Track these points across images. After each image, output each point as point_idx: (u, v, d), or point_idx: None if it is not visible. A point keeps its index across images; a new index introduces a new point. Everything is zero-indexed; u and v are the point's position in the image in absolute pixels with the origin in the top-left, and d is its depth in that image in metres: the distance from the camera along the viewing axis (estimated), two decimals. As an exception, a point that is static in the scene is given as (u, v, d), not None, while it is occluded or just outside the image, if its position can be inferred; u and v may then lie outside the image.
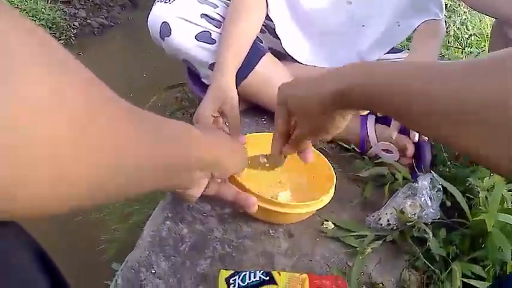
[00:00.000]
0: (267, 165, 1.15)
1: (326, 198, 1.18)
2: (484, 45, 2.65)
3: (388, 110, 0.68)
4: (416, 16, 1.69)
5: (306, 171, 1.30)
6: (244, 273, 0.96)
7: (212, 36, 1.53)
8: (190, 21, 1.51)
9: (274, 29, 1.68)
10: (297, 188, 1.33)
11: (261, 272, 0.97)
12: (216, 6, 1.60)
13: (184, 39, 1.52)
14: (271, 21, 1.65)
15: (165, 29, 1.51)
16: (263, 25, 1.67)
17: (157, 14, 1.52)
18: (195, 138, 0.72)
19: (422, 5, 1.69)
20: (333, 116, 0.81)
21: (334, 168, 1.28)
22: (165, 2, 1.52)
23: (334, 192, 1.21)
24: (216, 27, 1.55)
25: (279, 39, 1.71)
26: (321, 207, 1.17)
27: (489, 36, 1.86)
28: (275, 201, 1.14)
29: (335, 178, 1.22)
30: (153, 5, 1.55)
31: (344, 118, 0.83)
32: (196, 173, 0.78)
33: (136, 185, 0.55)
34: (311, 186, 1.30)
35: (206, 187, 0.91)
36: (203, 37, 1.52)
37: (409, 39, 1.73)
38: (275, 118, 0.95)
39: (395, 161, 1.45)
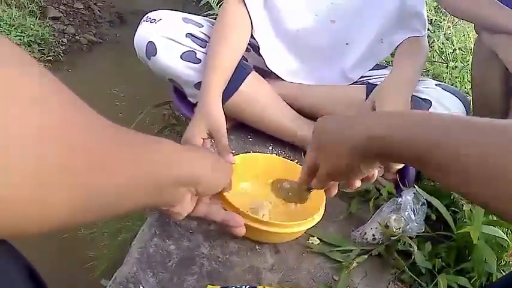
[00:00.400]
0: (290, 193, 1.18)
1: (317, 217, 1.18)
2: (469, 60, 2.68)
3: (428, 167, 0.67)
4: (400, 32, 1.72)
5: None
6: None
7: (197, 56, 1.55)
8: (175, 41, 1.53)
9: (259, 48, 1.69)
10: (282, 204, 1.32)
11: (247, 287, 0.98)
12: (201, 26, 1.62)
13: (169, 58, 1.53)
14: (256, 40, 1.67)
15: (151, 49, 1.52)
16: (248, 44, 1.69)
17: (143, 34, 1.54)
18: (175, 154, 0.73)
19: (405, 21, 1.71)
20: (359, 164, 0.81)
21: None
22: (151, 22, 1.54)
23: (320, 208, 1.23)
24: (201, 46, 1.57)
25: (263, 58, 1.72)
26: (311, 226, 1.18)
27: (473, 49, 1.88)
28: (266, 220, 1.15)
29: (325, 196, 1.22)
30: (139, 24, 1.57)
31: (371, 168, 0.83)
32: (179, 190, 0.78)
33: (119, 204, 0.56)
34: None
35: (194, 208, 0.93)
36: (188, 57, 1.54)
37: (393, 54, 1.74)
38: (306, 157, 0.96)
39: (380, 176, 1.46)
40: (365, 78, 1.77)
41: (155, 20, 1.55)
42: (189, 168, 0.78)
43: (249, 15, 1.58)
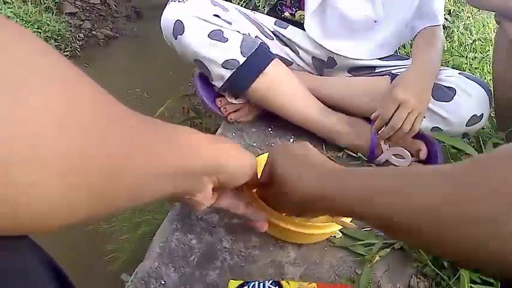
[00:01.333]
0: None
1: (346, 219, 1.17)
2: (489, 50, 2.66)
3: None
4: (420, 21, 1.76)
5: None
6: (254, 283, 0.96)
7: (224, 35, 1.55)
8: (203, 19, 1.53)
9: (283, 35, 1.76)
10: None
11: (270, 281, 0.97)
12: (227, 10, 1.62)
13: (197, 37, 1.53)
14: (281, 27, 1.74)
15: (179, 27, 1.52)
16: (271, 31, 1.71)
17: (171, 13, 1.54)
18: (199, 142, 0.73)
19: (425, 10, 1.76)
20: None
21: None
22: (179, 1, 1.54)
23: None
24: (227, 27, 1.57)
25: (287, 46, 1.75)
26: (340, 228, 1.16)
27: (493, 41, 1.86)
28: (292, 219, 1.11)
29: None
30: (163, 10, 1.57)
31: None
32: (201, 179, 0.78)
33: (140, 192, 0.56)
34: None
35: (216, 199, 0.93)
36: (216, 35, 1.53)
37: (411, 44, 1.77)
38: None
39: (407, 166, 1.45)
40: (388, 69, 1.78)
41: (183, 0, 1.55)
42: (212, 157, 0.78)
43: None
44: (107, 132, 0.46)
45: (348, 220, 1.09)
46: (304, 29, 1.75)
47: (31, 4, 4.06)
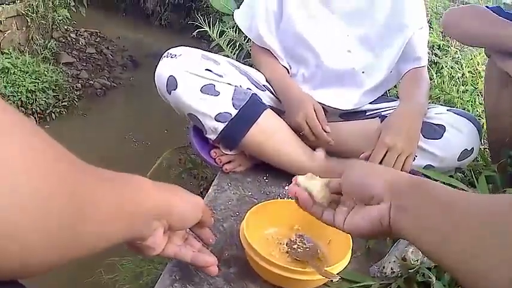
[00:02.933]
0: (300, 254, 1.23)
1: (344, 263, 1.18)
2: (479, 82, 2.69)
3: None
4: (404, 64, 1.83)
5: (323, 234, 1.30)
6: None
7: (216, 88, 1.58)
8: (195, 74, 1.57)
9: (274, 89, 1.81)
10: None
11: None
12: (218, 63, 1.65)
13: (190, 92, 1.56)
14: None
15: (172, 83, 1.56)
16: (263, 84, 1.76)
17: (164, 69, 1.58)
18: (146, 186, 0.76)
19: (409, 54, 1.82)
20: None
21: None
22: (171, 57, 1.58)
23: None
24: (219, 80, 1.61)
25: (278, 99, 1.81)
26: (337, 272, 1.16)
27: (484, 74, 1.89)
28: (287, 267, 1.13)
29: (351, 243, 1.22)
30: (158, 61, 1.61)
31: None
32: (152, 223, 0.82)
33: (93, 239, 0.59)
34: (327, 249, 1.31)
35: (164, 248, 0.95)
36: (208, 89, 1.57)
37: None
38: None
39: None
40: (378, 111, 1.82)
41: (175, 55, 1.59)
42: (162, 200, 0.82)
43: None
44: (56, 189, 0.48)
45: (334, 272, 1.11)
46: None
47: (28, 55, 4.11)
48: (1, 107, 0.45)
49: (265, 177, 1.74)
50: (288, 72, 1.88)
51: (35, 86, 3.72)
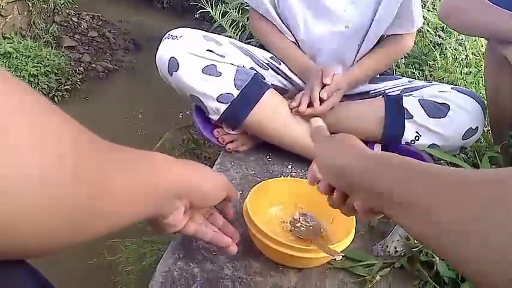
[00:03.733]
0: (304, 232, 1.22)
1: (348, 240, 1.17)
2: (482, 64, 2.66)
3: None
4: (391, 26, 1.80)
5: (327, 213, 1.27)
6: (255, 309, 0.98)
7: (218, 69, 1.58)
8: (197, 55, 1.56)
9: (278, 69, 1.79)
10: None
11: (272, 307, 0.99)
12: (220, 44, 1.65)
13: (191, 73, 1.56)
14: (276, 61, 1.79)
15: (173, 64, 1.55)
16: (266, 63, 1.74)
17: (165, 50, 1.58)
18: (170, 165, 0.75)
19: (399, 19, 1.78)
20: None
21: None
22: (173, 38, 1.58)
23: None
24: (221, 60, 1.60)
25: (282, 76, 1.79)
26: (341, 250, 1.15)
27: (485, 54, 1.88)
28: (291, 244, 1.13)
29: (355, 222, 1.21)
30: (159, 43, 1.60)
31: None
32: (173, 201, 0.82)
33: (114, 216, 0.59)
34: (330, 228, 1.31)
35: (185, 225, 0.96)
36: (209, 70, 1.57)
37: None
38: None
39: None
40: (381, 90, 1.81)
41: (177, 36, 1.59)
42: (184, 178, 0.82)
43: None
44: (76, 161, 0.48)
45: (337, 250, 1.11)
46: None
47: (30, 39, 4.10)
48: (10, 86, 0.44)
49: (268, 156, 1.74)
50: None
51: (37, 70, 3.71)
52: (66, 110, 0.48)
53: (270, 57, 1.80)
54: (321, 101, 1.60)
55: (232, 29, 2.61)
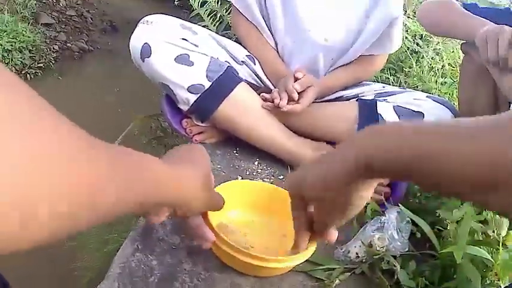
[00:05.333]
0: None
1: (309, 252, 1.13)
2: (458, 75, 2.69)
3: (417, 176, 0.66)
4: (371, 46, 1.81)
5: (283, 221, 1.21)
6: (211, 307, 0.96)
7: (190, 58, 1.56)
8: (170, 43, 1.54)
9: (252, 67, 1.78)
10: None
11: (228, 306, 0.97)
12: (196, 33, 1.64)
13: (163, 61, 1.54)
14: (251, 61, 1.79)
15: (146, 50, 1.53)
16: (241, 60, 1.73)
17: (140, 35, 1.56)
18: (163, 176, 0.73)
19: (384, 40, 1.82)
20: (357, 188, 0.76)
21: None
22: (148, 24, 1.55)
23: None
24: (195, 50, 1.58)
25: (255, 75, 1.78)
26: (303, 260, 1.14)
27: (460, 68, 1.89)
28: (253, 253, 1.09)
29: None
30: (134, 28, 1.58)
31: (369, 188, 0.78)
32: (160, 208, 0.85)
33: (105, 216, 0.56)
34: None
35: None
36: (182, 59, 1.55)
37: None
38: (293, 215, 0.89)
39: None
40: (355, 94, 1.81)
41: (152, 22, 1.57)
42: (178, 196, 0.80)
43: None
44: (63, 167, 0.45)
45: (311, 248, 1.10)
46: None
47: (8, 13, 4.02)
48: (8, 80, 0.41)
49: (235, 151, 1.73)
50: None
51: (11, 45, 3.65)
52: (38, 88, 0.45)
53: (246, 55, 1.78)
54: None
55: (210, 19, 2.60)
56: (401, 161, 0.65)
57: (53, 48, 4.13)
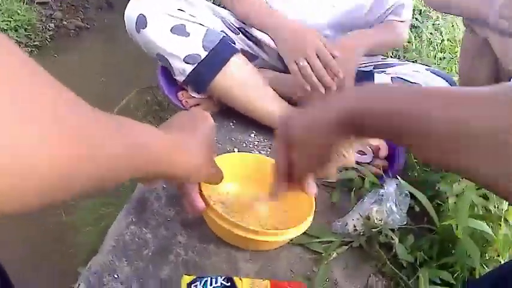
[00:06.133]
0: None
1: (305, 226, 1.12)
2: (457, 51, 2.67)
3: (396, 133, 0.67)
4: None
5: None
6: (206, 279, 0.95)
7: (186, 29, 1.54)
8: (166, 14, 1.52)
9: (250, 33, 1.76)
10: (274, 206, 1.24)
11: (223, 278, 0.96)
12: (192, 4, 1.62)
13: (159, 31, 1.52)
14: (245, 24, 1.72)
15: (141, 21, 1.51)
16: (237, 27, 1.70)
17: (135, 7, 1.54)
18: (164, 152, 0.73)
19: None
20: (339, 143, 0.77)
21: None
22: None
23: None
24: (191, 20, 1.56)
25: (252, 41, 1.76)
26: (299, 233, 1.12)
27: (461, 42, 1.87)
28: (254, 229, 1.06)
29: (314, 206, 1.16)
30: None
31: (349, 147, 0.79)
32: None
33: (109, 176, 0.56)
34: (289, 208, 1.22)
35: None
36: (178, 30, 1.53)
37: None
38: (276, 159, 0.88)
39: (368, 162, 1.45)
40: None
41: None
42: (172, 166, 0.78)
43: None
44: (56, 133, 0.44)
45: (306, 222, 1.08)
46: None
47: (3, -8, 4.00)
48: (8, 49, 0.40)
49: (231, 123, 1.71)
50: None
51: (7, 24, 3.62)
52: None
53: (243, 24, 1.75)
54: None
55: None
56: (384, 116, 0.66)
57: (49, 27, 4.10)
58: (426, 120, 0.61)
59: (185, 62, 1.54)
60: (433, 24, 2.90)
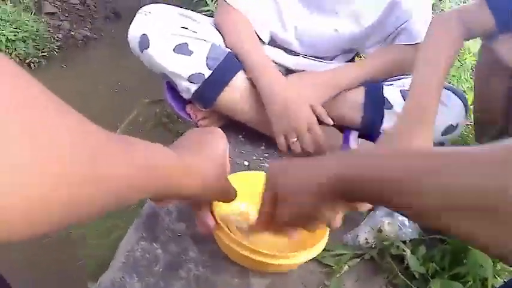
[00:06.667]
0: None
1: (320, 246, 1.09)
2: (466, 58, 2.66)
3: (387, 201, 0.65)
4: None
5: None
6: (218, 295, 0.94)
7: (189, 48, 1.53)
8: (169, 33, 1.51)
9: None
10: None
11: (235, 294, 0.95)
12: (195, 21, 1.61)
13: (162, 52, 1.51)
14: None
15: (144, 41, 1.51)
16: None
17: (137, 26, 1.53)
18: (172, 171, 0.71)
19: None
20: (326, 206, 0.75)
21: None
22: (146, 15, 1.53)
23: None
24: (193, 37, 1.55)
25: None
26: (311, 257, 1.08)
27: (477, 54, 1.85)
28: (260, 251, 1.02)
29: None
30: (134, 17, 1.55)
31: (335, 211, 0.77)
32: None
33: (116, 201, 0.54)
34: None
35: None
36: (181, 49, 1.52)
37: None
38: (261, 201, 0.87)
39: None
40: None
41: (150, 12, 1.54)
42: (183, 186, 0.74)
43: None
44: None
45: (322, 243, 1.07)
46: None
47: (10, 3, 4.01)
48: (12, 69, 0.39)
49: (241, 136, 1.70)
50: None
51: (15, 35, 3.62)
52: (42, 77, 0.43)
53: None
54: None
55: (214, 3, 2.57)
56: (375, 184, 0.64)
57: (57, 37, 4.11)
58: (417, 189, 0.59)
59: (189, 81, 1.54)
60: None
